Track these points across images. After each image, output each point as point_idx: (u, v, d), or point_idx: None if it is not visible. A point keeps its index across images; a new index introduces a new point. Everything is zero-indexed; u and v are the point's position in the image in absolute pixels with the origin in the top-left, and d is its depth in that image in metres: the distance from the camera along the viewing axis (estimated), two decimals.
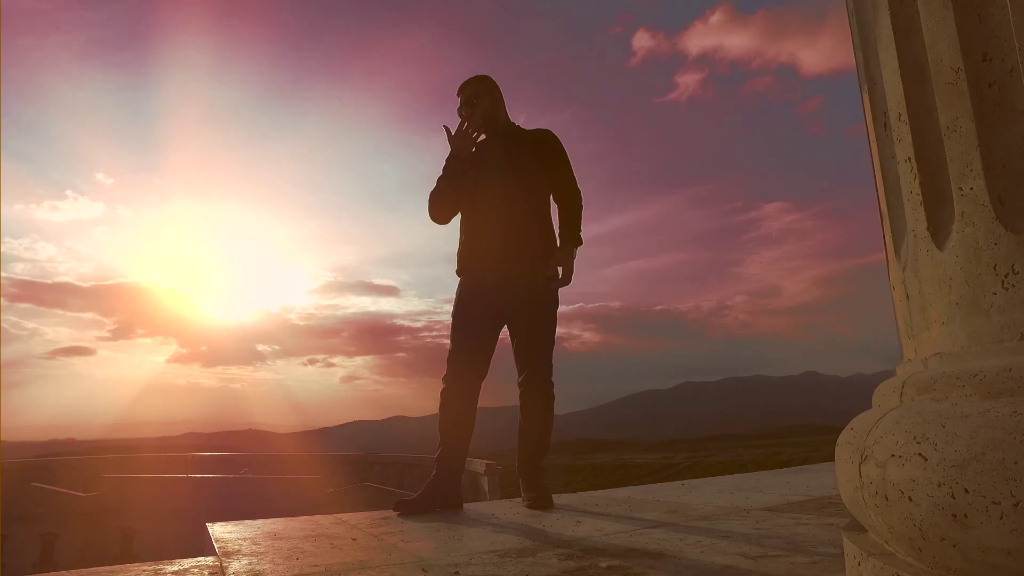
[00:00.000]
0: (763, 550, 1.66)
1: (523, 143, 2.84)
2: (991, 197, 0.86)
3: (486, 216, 2.79)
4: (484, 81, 2.90)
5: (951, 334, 0.93)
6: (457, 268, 2.87)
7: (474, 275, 2.79)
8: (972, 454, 0.76)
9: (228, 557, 1.79)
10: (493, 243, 2.75)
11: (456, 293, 2.85)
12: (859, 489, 0.96)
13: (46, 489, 14.02)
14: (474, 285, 2.78)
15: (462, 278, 2.85)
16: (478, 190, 2.81)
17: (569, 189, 2.87)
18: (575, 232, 2.83)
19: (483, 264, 2.77)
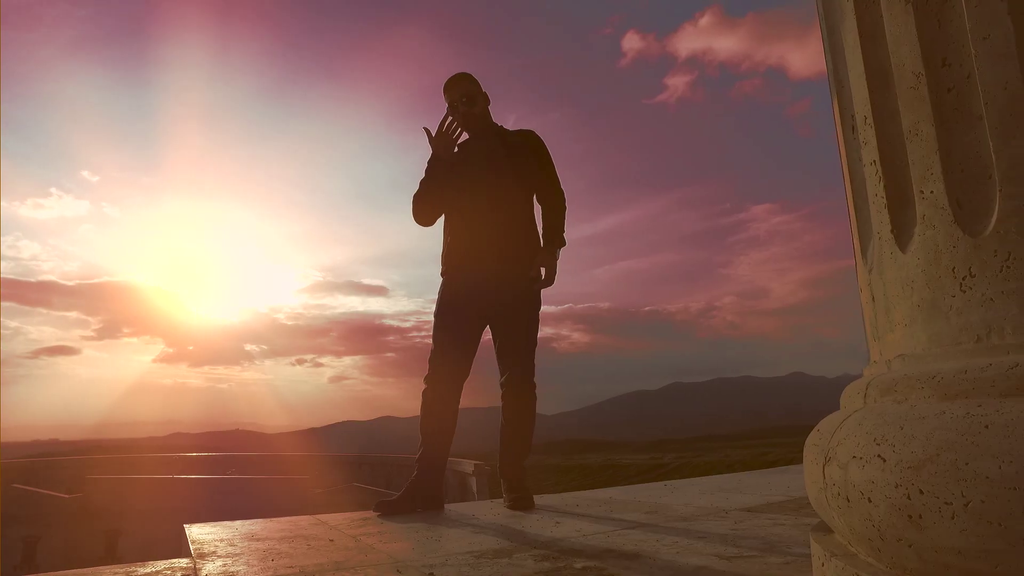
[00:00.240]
0: (738, 551, 1.67)
1: (508, 144, 2.84)
2: (950, 200, 0.86)
3: (471, 217, 2.78)
4: (475, 80, 2.88)
5: (913, 336, 0.94)
6: (442, 269, 2.86)
7: (458, 276, 2.79)
8: (927, 455, 0.76)
9: (203, 559, 1.78)
10: (477, 244, 2.75)
11: (439, 293, 2.84)
12: (823, 491, 0.97)
13: (28, 491, 13.84)
14: (458, 286, 2.78)
15: (445, 278, 2.84)
16: (463, 190, 2.80)
17: (553, 190, 2.88)
18: (558, 233, 2.83)
19: (467, 265, 2.76)
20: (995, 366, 0.77)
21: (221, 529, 2.29)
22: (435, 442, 2.71)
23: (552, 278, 2.79)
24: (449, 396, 2.73)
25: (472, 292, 2.73)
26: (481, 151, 2.82)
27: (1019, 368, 0.75)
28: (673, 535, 1.92)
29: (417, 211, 2.83)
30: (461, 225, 2.80)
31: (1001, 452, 0.69)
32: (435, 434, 2.71)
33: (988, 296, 0.82)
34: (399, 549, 1.86)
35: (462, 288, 2.76)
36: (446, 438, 2.73)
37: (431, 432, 2.71)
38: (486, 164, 2.78)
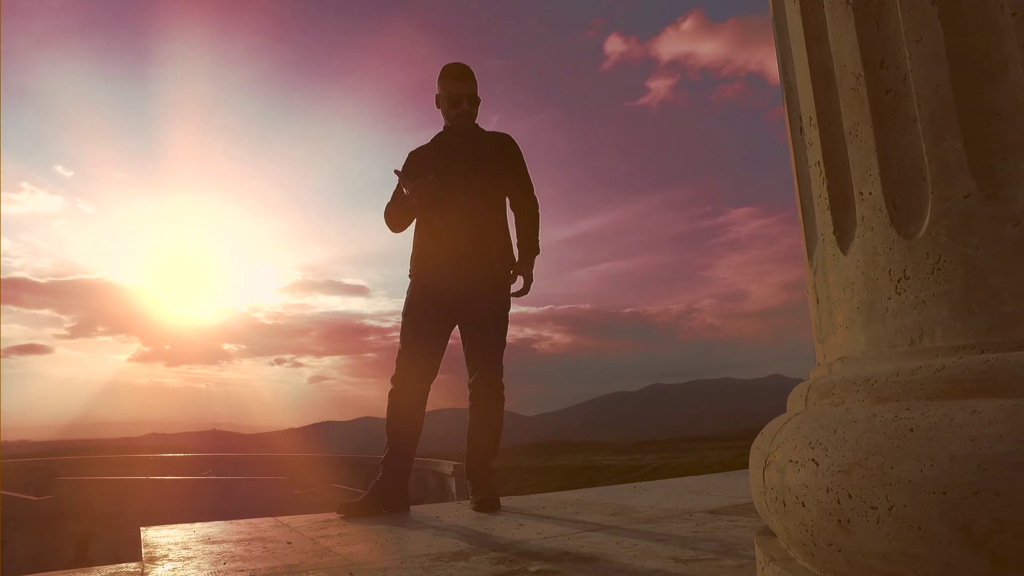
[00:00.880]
0: (695, 553, 1.66)
1: (484, 146, 2.81)
2: (887, 202, 0.86)
3: (442, 218, 2.75)
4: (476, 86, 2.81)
5: (853, 339, 0.94)
6: (410, 269, 2.83)
7: (426, 276, 2.76)
8: (856, 459, 0.76)
9: (152, 562, 1.73)
10: (447, 244, 2.72)
11: (407, 293, 2.82)
12: (763, 494, 0.96)
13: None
14: (426, 286, 2.75)
15: (413, 279, 2.81)
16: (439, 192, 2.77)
17: (527, 197, 2.86)
18: (534, 243, 2.83)
19: (436, 265, 2.74)
20: (924, 369, 0.77)
21: (178, 532, 2.23)
22: (401, 443, 2.68)
23: (528, 288, 2.80)
24: (416, 397, 2.71)
25: (440, 293, 2.71)
26: (457, 150, 2.79)
27: (945, 371, 0.74)
28: (634, 537, 1.91)
29: (390, 224, 2.84)
30: (431, 226, 2.78)
31: (923, 456, 0.68)
32: (401, 435, 2.68)
33: (921, 299, 0.82)
34: (356, 552, 1.83)
35: (430, 289, 2.73)
36: (412, 439, 2.70)
37: (397, 433, 2.68)
38: (460, 165, 2.76)
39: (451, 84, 2.74)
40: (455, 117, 2.76)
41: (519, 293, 2.79)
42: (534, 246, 2.83)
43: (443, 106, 2.79)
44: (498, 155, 2.81)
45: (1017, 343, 0.71)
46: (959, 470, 0.65)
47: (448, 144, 2.81)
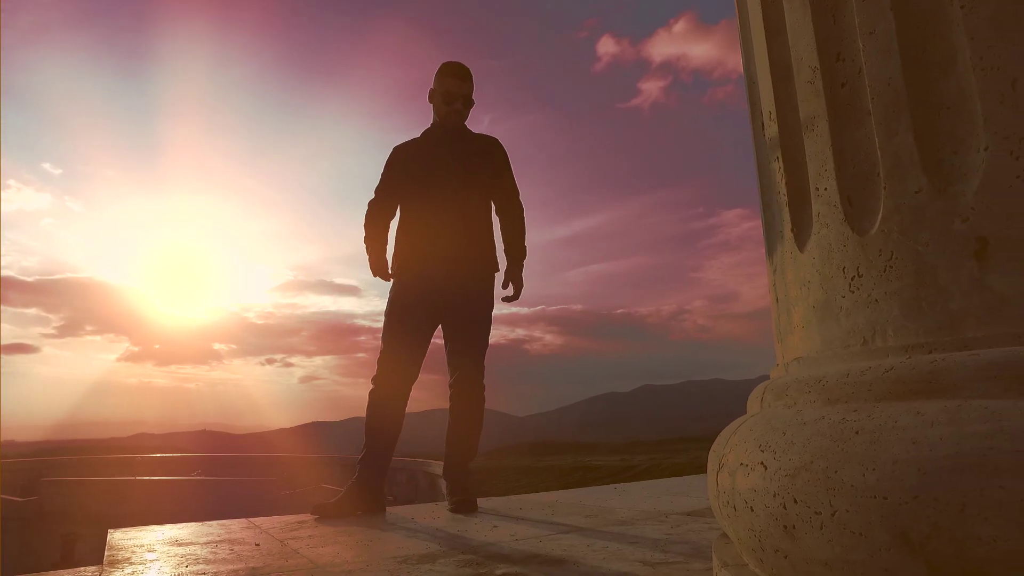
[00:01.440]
0: (665, 556, 1.64)
1: (472, 147, 2.79)
2: (842, 198, 0.84)
3: (425, 216, 2.73)
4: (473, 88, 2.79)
5: (809, 338, 0.91)
6: (393, 268, 2.79)
7: (409, 275, 2.73)
8: (803, 463, 0.73)
9: (112, 566, 1.70)
10: (433, 244, 2.69)
11: (390, 292, 2.78)
12: (717, 498, 0.94)
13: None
14: (409, 285, 2.72)
15: (396, 277, 2.77)
16: (419, 189, 2.74)
17: (513, 201, 2.84)
18: (522, 247, 2.82)
19: (419, 264, 2.71)
20: (873, 369, 0.75)
21: (147, 533, 2.19)
22: (379, 443, 2.65)
23: (519, 293, 2.78)
24: (396, 397, 2.67)
25: (423, 292, 2.68)
26: (446, 149, 2.76)
27: (893, 372, 0.72)
28: (606, 540, 1.89)
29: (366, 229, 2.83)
30: (415, 225, 2.75)
31: (866, 460, 0.66)
32: (379, 435, 2.65)
33: (874, 297, 0.80)
34: (323, 554, 1.80)
35: (413, 288, 2.70)
36: (390, 440, 2.67)
37: (376, 433, 2.65)
38: (448, 164, 2.73)
39: (450, 81, 2.71)
40: (447, 115, 2.73)
41: (510, 299, 2.78)
42: (522, 251, 2.81)
43: (436, 101, 2.76)
44: (485, 157, 2.79)
45: (963, 342, 0.69)
46: (900, 474, 0.63)
47: (437, 142, 2.78)
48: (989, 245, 0.68)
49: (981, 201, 0.69)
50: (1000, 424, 0.58)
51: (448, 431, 2.76)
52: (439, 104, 2.74)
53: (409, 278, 2.71)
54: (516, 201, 2.85)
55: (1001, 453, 0.56)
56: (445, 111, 2.72)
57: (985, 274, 0.68)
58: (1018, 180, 0.67)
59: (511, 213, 2.84)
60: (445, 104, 2.71)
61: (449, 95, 2.70)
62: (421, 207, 2.72)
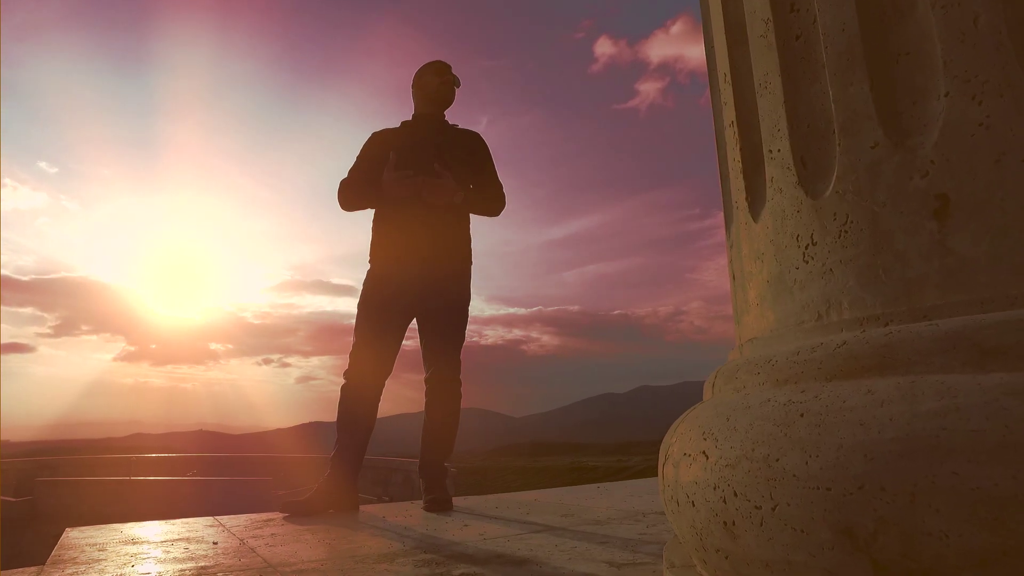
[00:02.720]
0: (633, 557, 1.56)
1: (451, 140, 2.72)
2: (795, 159, 0.76)
3: (403, 208, 2.65)
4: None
5: (763, 317, 0.83)
6: (369, 260, 2.72)
7: (384, 268, 2.65)
8: (744, 451, 0.65)
9: (54, 565, 1.62)
10: (410, 237, 2.62)
11: (363, 284, 2.71)
12: (663, 492, 0.86)
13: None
14: (384, 278, 2.64)
15: (371, 269, 2.70)
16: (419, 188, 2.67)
17: (494, 188, 2.75)
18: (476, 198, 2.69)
19: (396, 257, 2.64)
20: (824, 346, 0.67)
21: (105, 532, 2.12)
22: (351, 440, 2.57)
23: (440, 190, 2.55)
24: (369, 393, 2.60)
25: (398, 285, 2.61)
26: (426, 140, 2.69)
27: (846, 347, 0.64)
28: (576, 539, 1.80)
29: (344, 202, 2.71)
30: (390, 216, 2.67)
31: (810, 445, 0.58)
32: (352, 431, 2.58)
33: (828, 266, 0.72)
34: (280, 553, 1.72)
35: (388, 281, 2.63)
36: (363, 436, 2.59)
37: (348, 430, 2.57)
38: (424, 155, 2.65)
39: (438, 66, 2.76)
40: (439, 87, 2.70)
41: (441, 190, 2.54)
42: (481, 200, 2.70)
43: (423, 84, 2.74)
44: (465, 151, 2.72)
45: (921, 312, 0.61)
46: (845, 461, 0.55)
47: (415, 132, 2.72)
48: (950, 203, 0.60)
49: (941, 153, 0.61)
50: (955, 401, 0.50)
51: (423, 428, 2.69)
52: (428, 81, 2.72)
53: (382, 271, 2.64)
54: (498, 191, 2.76)
55: (954, 434, 0.48)
56: (436, 83, 2.70)
57: (946, 235, 0.60)
58: (980, 128, 0.59)
59: (490, 192, 2.74)
60: (437, 76, 2.70)
61: (440, 70, 2.72)
62: (396, 200, 2.65)
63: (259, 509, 2.64)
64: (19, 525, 12.58)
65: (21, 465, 15.10)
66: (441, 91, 2.71)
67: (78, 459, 16.43)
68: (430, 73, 2.74)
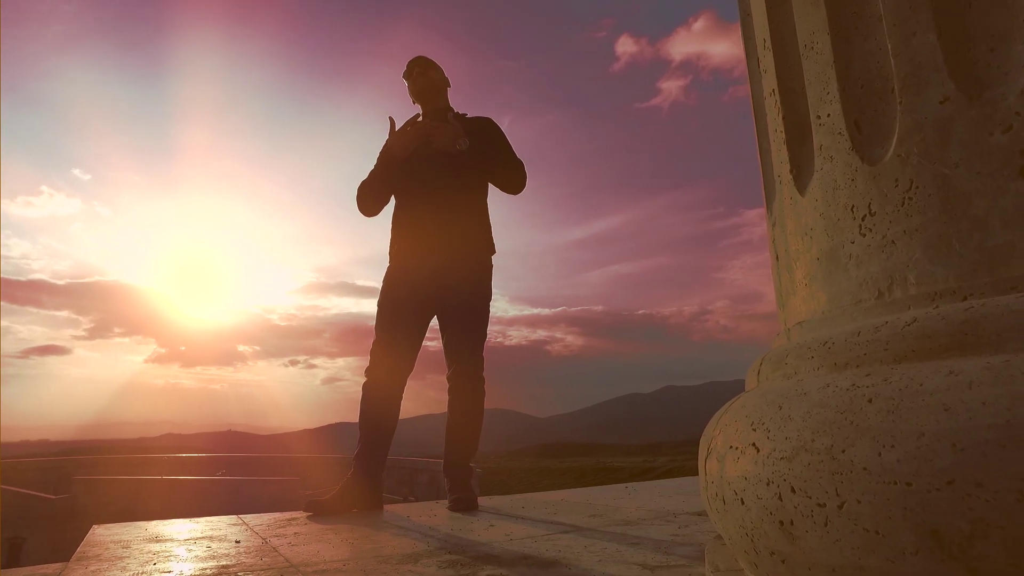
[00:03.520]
0: (667, 559, 1.49)
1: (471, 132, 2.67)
2: (848, 123, 0.69)
3: (418, 204, 2.62)
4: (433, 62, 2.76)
5: (813, 297, 0.76)
6: (389, 254, 2.70)
7: (402, 264, 2.63)
8: (801, 442, 0.59)
9: (78, 562, 1.61)
10: (425, 232, 2.59)
11: (383, 282, 2.68)
12: (705, 489, 0.79)
13: (14, 491, 13.70)
14: (403, 274, 2.62)
15: (390, 266, 2.68)
16: (412, 175, 2.64)
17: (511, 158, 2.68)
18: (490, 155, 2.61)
19: (413, 253, 2.60)
20: (890, 325, 0.59)
21: (130, 530, 2.12)
22: (374, 439, 2.54)
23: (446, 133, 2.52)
24: (391, 390, 2.57)
25: (415, 283, 2.57)
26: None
27: (916, 325, 0.57)
28: (605, 541, 1.74)
29: (362, 202, 2.71)
30: (408, 212, 2.65)
31: (882, 434, 0.51)
32: (375, 430, 2.54)
33: (889, 238, 0.64)
34: (302, 552, 1.69)
35: (407, 278, 2.60)
36: (385, 434, 2.56)
37: (370, 428, 2.54)
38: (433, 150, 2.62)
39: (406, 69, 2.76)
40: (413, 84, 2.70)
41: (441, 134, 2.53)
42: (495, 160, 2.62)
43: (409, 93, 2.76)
44: (477, 136, 2.66)
45: (1008, 283, 0.53)
46: (928, 452, 0.48)
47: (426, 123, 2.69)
48: None
49: None
50: None
51: (447, 427, 2.64)
52: (410, 89, 2.75)
53: (399, 269, 2.62)
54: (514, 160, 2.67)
55: None
56: (410, 85, 2.72)
57: None
58: None
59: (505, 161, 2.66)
60: (407, 78, 2.73)
61: (407, 73, 2.73)
62: (409, 195, 2.65)
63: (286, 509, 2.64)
64: (60, 521, 12.92)
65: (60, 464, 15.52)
66: (415, 88, 2.72)
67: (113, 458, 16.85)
68: (405, 76, 2.77)
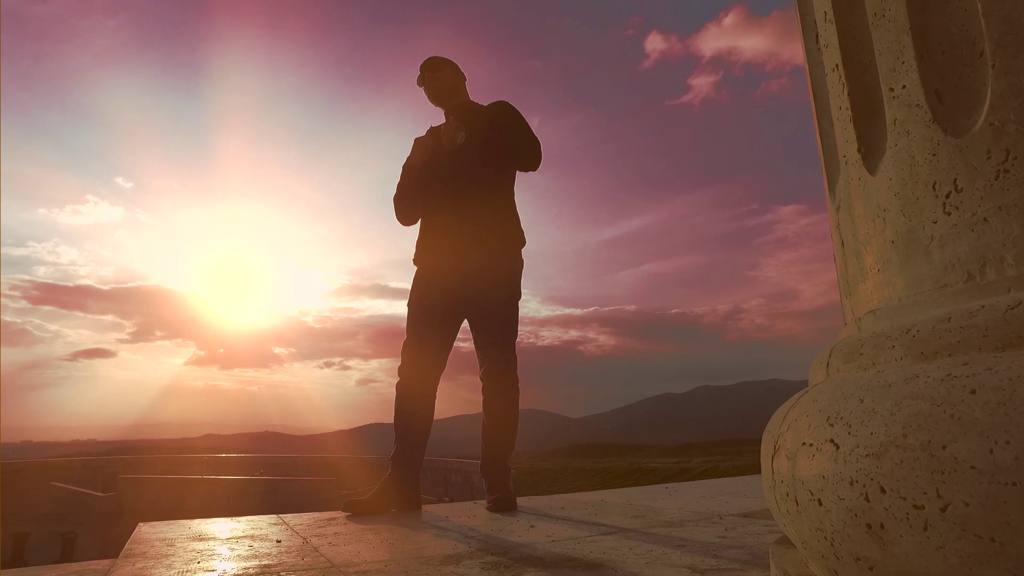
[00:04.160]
0: (717, 562, 1.43)
1: (478, 121, 2.65)
2: (927, 94, 0.63)
3: (444, 204, 2.62)
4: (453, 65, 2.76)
5: (888, 283, 0.71)
6: (414, 257, 2.71)
7: (431, 264, 2.62)
8: (891, 437, 0.54)
9: (125, 559, 1.63)
10: (449, 231, 2.58)
11: (412, 283, 2.69)
12: (772, 489, 0.74)
13: (66, 488, 14.24)
14: (431, 274, 2.61)
15: (418, 268, 2.68)
16: (432, 178, 2.64)
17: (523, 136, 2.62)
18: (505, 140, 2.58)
19: (439, 253, 2.60)
20: (988, 309, 0.54)
21: (174, 527, 2.15)
22: (409, 438, 2.53)
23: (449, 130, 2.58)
24: (424, 388, 2.56)
25: (444, 283, 2.57)
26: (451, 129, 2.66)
27: (1022, 308, 0.51)
28: (651, 543, 1.69)
29: (398, 213, 2.77)
30: (431, 215, 2.66)
31: (993, 428, 0.46)
32: (410, 430, 2.54)
33: (980, 215, 0.59)
34: (343, 552, 1.68)
35: (431, 280, 2.60)
36: (421, 434, 2.55)
37: (405, 428, 2.54)
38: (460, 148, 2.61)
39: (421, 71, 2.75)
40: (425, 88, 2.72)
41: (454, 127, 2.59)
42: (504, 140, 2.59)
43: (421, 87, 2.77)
44: (488, 117, 2.64)
45: None
46: None
47: (439, 129, 2.71)
48: None
49: None
50: None
51: (482, 427, 2.62)
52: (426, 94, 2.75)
53: (425, 271, 2.64)
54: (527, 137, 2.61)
55: None
56: (424, 89, 2.73)
57: None
58: None
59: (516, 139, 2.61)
60: (420, 83, 2.74)
61: (419, 77, 2.74)
62: (430, 199, 2.66)
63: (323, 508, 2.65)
64: (107, 518, 13.38)
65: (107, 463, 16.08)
66: (429, 93, 2.73)
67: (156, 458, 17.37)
68: (418, 82, 2.77)
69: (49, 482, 14.41)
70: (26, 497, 13.25)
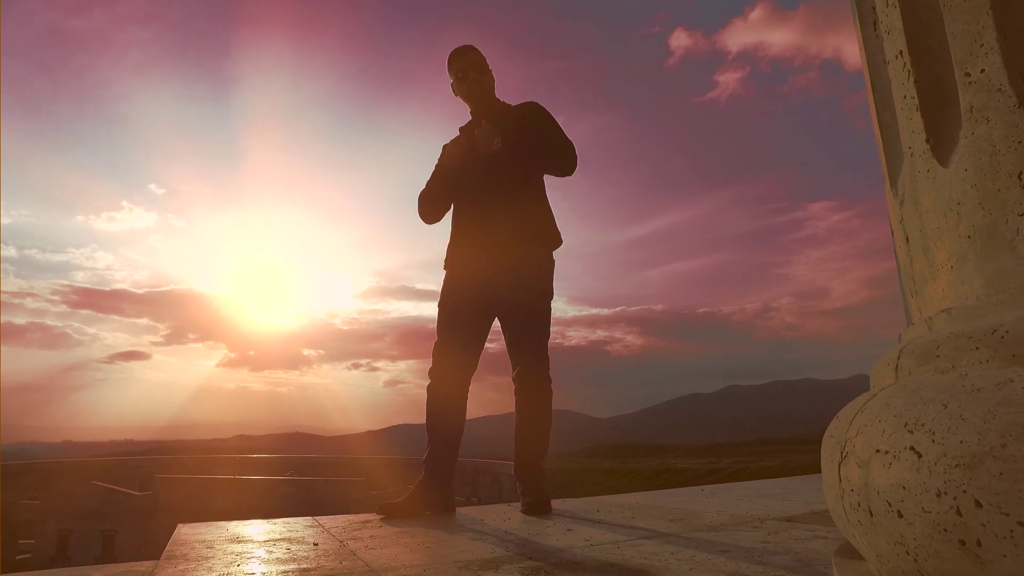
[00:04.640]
0: (763, 568, 1.39)
1: (510, 123, 2.63)
2: (1010, 76, 0.59)
3: (474, 206, 2.61)
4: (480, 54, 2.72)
5: (963, 281, 0.67)
6: (445, 260, 2.70)
7: (459, 268, 2.62)
8: (986, 447, 0.50)
9: (168, 561, 1.65)
10: (479, 231, 2.57)
11: (442, 285, 2.68)
12: (840, 499, 0.71)
13: (105, 487, 14.64)
14: (461, 275, 2.61)
15: (448, 270, 2.67)
16: (462, 180, 2.63)
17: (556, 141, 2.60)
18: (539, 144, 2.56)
19: (469, 254, 2.59)
20: None
21: (213, 530, 2.17)
22: (442, 441, 2.53)
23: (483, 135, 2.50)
24: (455, 389, 2.55)
25: (474, 285, 2.55)
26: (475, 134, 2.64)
27: None
28: (692, 548, 1.65)
29: (421, 210, 2.76)
30: (466, 214, 2.64)
31: None
32: (442, 432, 2.53)
33: None
34: (381, 556, 1.68)
35: (466, 278, 2.59)
36: (453, 436, 2.54)
37: (437, 430, 2.53)
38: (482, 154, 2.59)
39: (454, 63, 2.67)
40: (468, 89, 2.64)
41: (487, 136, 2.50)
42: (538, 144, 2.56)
43: (455, 89, 2.70)
44: (517, 119, 2.62)
45: None
46: None
47: (472, 126, 2.68)
48: None
49: None
50: None
51: (516, 429, 2.60)
52: (457, 88, 2.68)
53: (455, 272, 2.63)
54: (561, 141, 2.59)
55: None
56: (464, 88, 2.65)
57: None
58: None
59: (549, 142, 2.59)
60: (459, 81, 2.65)
61: (459, 71, 2.65)
62: (461, 201, 2.66)
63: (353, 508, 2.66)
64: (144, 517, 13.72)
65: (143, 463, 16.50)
66: (470, 94, 2.66)
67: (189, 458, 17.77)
68: (454, 80, 2.68)
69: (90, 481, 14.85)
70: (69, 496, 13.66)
